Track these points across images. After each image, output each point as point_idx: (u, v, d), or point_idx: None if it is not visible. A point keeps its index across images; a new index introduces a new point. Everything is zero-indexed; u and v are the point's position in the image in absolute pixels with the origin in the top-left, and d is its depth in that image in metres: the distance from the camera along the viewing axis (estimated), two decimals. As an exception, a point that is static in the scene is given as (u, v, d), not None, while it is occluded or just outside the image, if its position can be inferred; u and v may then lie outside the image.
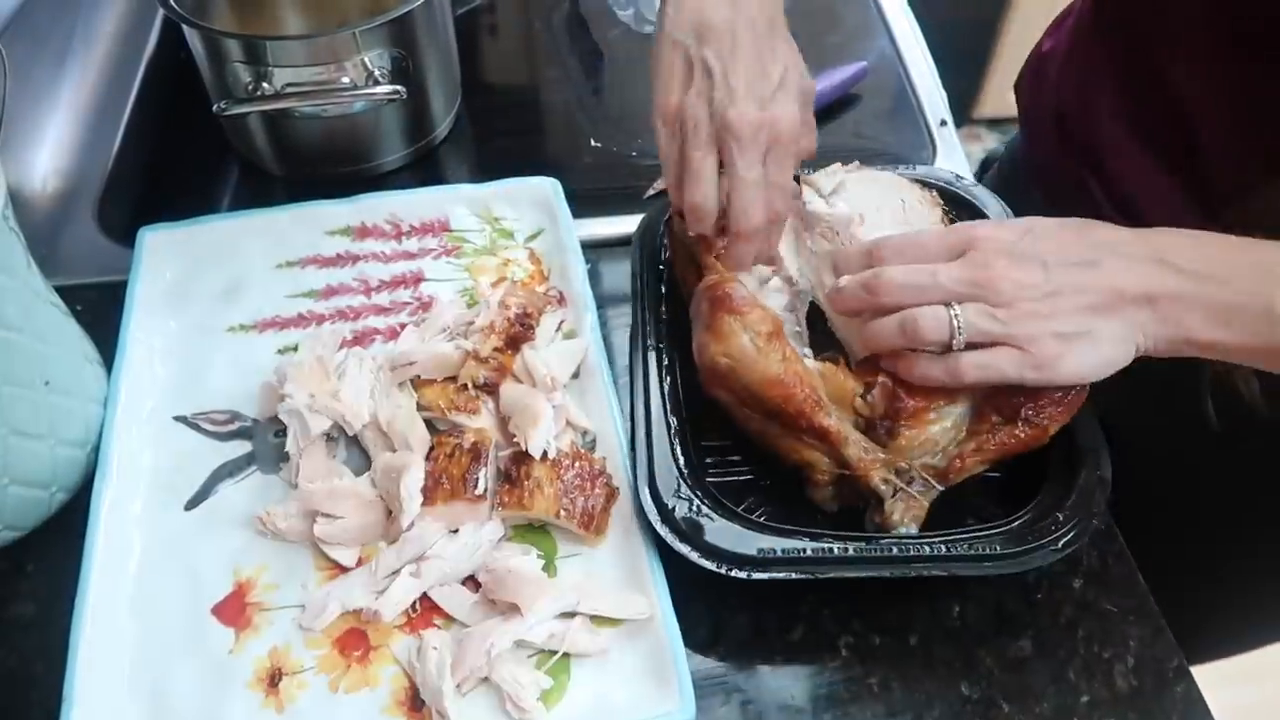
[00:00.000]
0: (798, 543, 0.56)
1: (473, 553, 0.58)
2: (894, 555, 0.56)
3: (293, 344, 0.70)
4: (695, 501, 0.58)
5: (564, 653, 0.56)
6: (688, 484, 0.59)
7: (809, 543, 0.56)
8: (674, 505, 0.58)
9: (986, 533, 0.57)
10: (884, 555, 0.56)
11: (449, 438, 0.62)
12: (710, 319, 0.60)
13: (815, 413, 0.58)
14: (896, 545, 0.56)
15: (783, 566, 0.56)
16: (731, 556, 0.56)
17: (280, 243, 0.76)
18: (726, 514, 0.58)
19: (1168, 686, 0.58)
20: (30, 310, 0.58)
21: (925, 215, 0.68)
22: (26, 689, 0.56)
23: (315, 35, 0.82)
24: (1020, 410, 0.57)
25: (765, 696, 0.57)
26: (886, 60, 0.98)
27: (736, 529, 0.57)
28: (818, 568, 0.56)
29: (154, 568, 0.60)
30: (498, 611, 0.57)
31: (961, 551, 0.56)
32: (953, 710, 0.57)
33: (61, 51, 0.94)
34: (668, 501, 0.58)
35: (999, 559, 0.56)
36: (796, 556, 0.56)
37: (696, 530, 0.57)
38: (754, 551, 0.56)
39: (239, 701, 0.55)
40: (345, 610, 0.57)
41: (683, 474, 0.60)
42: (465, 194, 0.79)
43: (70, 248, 0.80)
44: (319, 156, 0.85)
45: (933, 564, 0.56)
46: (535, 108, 0.99)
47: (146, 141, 0.91)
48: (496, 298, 0.68)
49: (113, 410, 0.65)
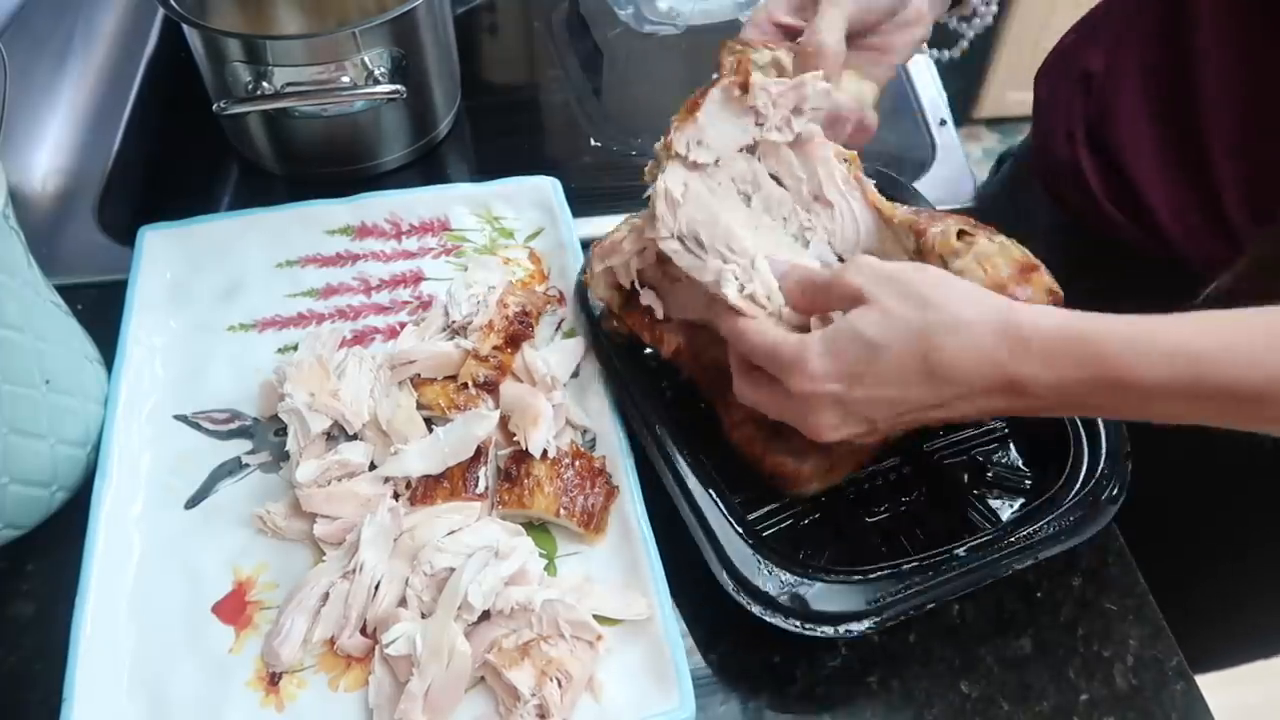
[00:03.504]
0: (894, 583, 0.54)
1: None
2: (985, 560, 0.55)
3: (293, 343, 0.70)
4: (784, 574, 0.55)
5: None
6: (765, 559, 0.55)
7: (907, 583, 0.55)
8: (766, 586, 0.54)
9: (1047, 511, 0.58)
10: (978, 563, 0.55)
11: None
12: (781, 487, 0.61)
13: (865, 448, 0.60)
14: (976, 551, 0.56)
15: (896, 607, 0.54)
16: (845, 616, 0.54)
17: (280, 242, 0.76)
18: (814, 574, 0.55)
19: (1168, 686, 0.58)
20: (31, 309, 0.58)
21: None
22: (26, 688, 0.56)
23: (315, 35, 0.82)
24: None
25: (765, 696, 0.57)
26: (886, 60, 0.98)
27: (837, 589, 0.54)
28: (928, 596, 0.54)
29: (154, 566, 0.60)
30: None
31: (1042, 534, 0.56)
32: (952, 709, 0.57)
33: (61, 51, 0.94)
34: (759, 585, 0.54)
35: (1076, 528, 0.57)
36: (904, 594, 0.54)
37: (800, 602, 0.54)
38: (864, 605, 0.54)
39: (239, 700, 0.55)
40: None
41: (757, 550, 0.56)
42: (465, 193, 0.79)
43: (70, 247, 0.80)
44: (319, 156, 0.85)
45: (1023, 554, 0.56)
46: (535, 107, 0.99)
47: (146, 141, 0.91)
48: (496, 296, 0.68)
49: (113, 409, 0.65)
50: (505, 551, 0.57)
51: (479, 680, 0.55)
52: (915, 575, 0.55)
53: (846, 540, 0.61)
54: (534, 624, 0.55)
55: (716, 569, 0.56)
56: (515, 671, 0.53)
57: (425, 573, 0.56)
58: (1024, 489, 0.63)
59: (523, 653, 0.54)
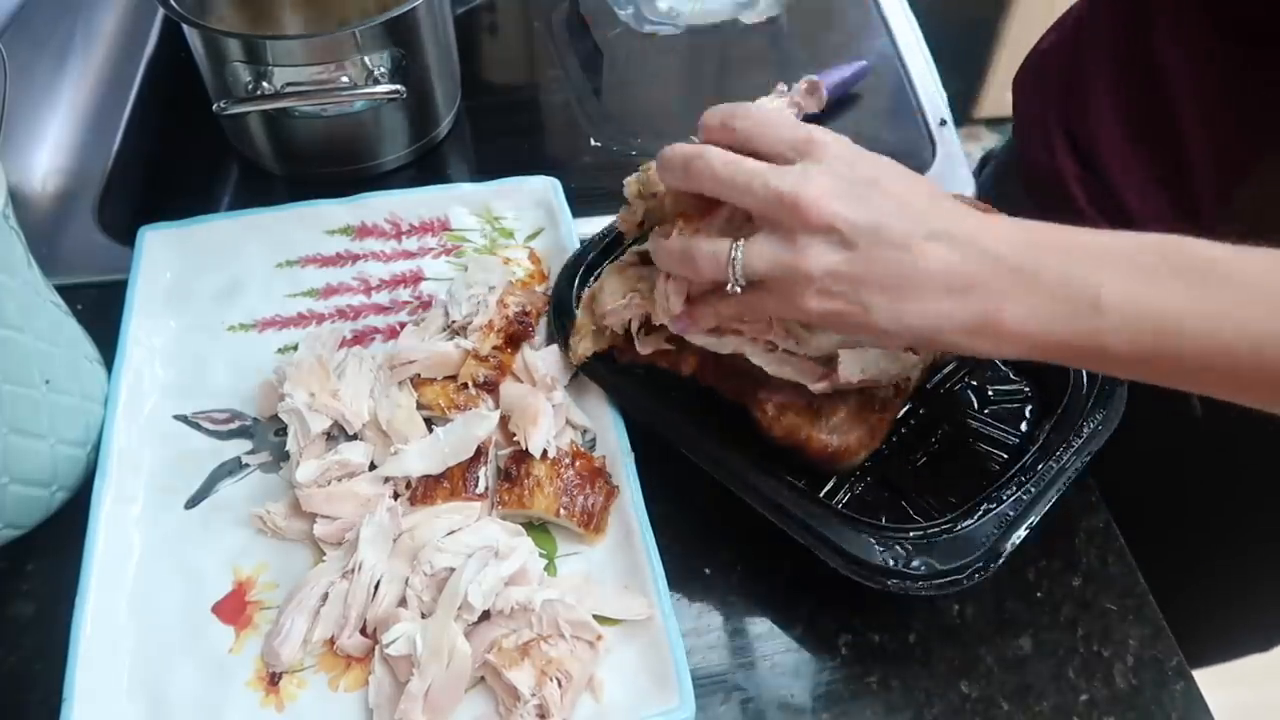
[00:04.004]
0: (998, 517, 0.56)
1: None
2: (1058, 460, 0.58)
3: (293, 343, 0.70)
4: (897, 545, 0.55)
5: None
6: (875, 536, 0.56)
7: (1007, 508, 0.56)
8: (888, 561, 0.55)
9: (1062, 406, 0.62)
10: (1055, 464, 0.58)
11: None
12: (828, 469, 0.62)
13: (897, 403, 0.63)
14: (1040, 456, 0.59)
15: (1012, 536, 0.55)
16: (971, 562, 0.55)
17: (280, 242, 0.76)
18: (929, 534, 0.56)
19: (1168, 686, 0.58)
20: (30, 309, 0.58)
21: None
22: (26, 688, 0.56)
23: (315, 35, 0.82)
24: None
25: (765, 695, 0.57)
26: (886, 60, 0.98)
27: (952, 540, 0.55)
28: (1034, 514, 0.57)
29: (154, 566, 0.60)
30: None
31: (1078, 419, 0.61)
32: (952, 708, 0.57)
33: (61, 51, 0.94)
34: (884, 563, 0.55)
35: (1105, 399, 0.61)
36: (1014, 520, 0.56)
37: (928, 565, 0.54)
38: (984, 543, 0.55)
39: (239, 700, 0.55)
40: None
41: (864, 531, 0.56)
42: (465, 193, 0.79)
43: (70, 247, 0.80)
44: (319, 156, 0.85)
45: (1082, 442, 0.59)
46: (535, 108, 0.99)
47: (146, 141, 0.91)
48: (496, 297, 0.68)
49: (113, 409, 0.65)
50: (505, 551, 0.57)
51: (479, 680, 0.55)
52: (1008, 496, 0.57)
53: (906, 494, 0.62)
54: (534, 624, 0.55)
55: (839, 564, 0.56)
56: (515, 671, 0.53)
57: (425, 573, 0.56)
58: (1027, 396, 0.67)
59: (523, 653, 0.54)
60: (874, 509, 0.62)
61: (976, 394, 0.67)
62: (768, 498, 0.58)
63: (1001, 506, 0.56)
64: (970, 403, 0.67)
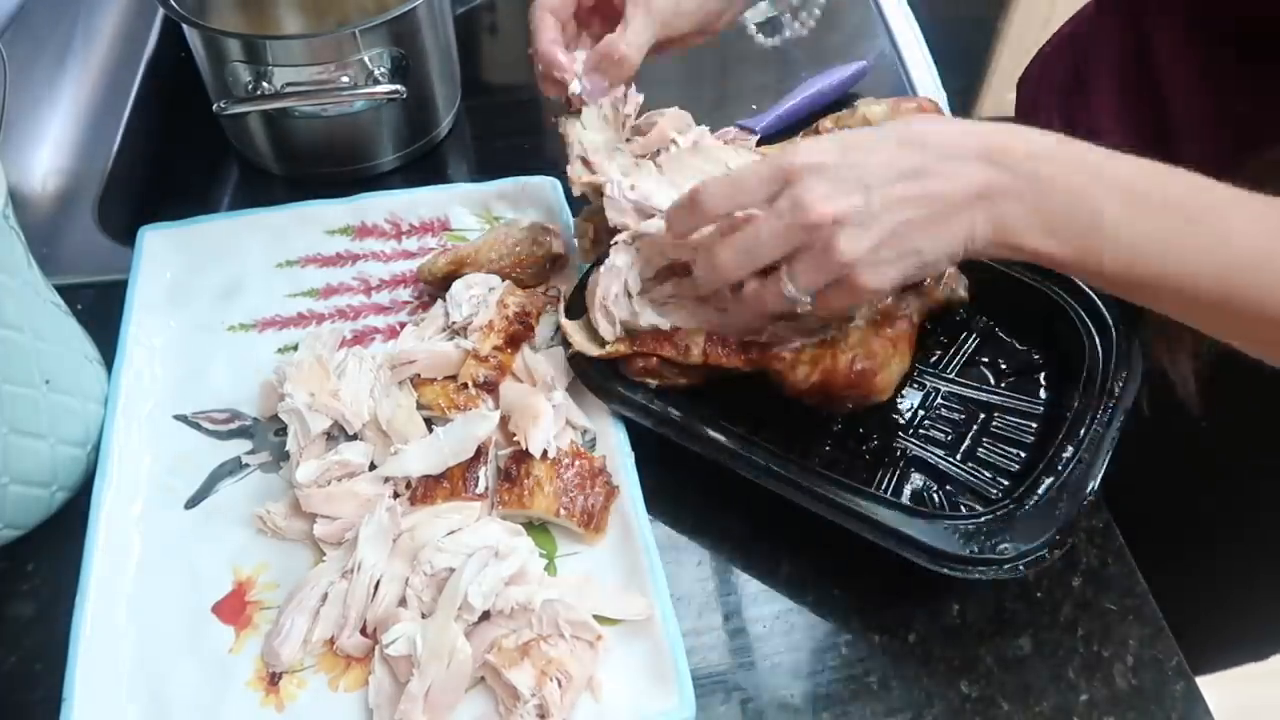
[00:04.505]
0: (1063, 492, 0.57)
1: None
2: (1103, 415, 0.60)
3: (293, 343, 0.70)
4: (972, 527, 0.55)
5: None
6: (957, 522, 0.56)
7: (1068, 477, 0.57)
8: (973, 548, 0.55)
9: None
10: (1104, 421, 0.60)
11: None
12: (866, 394, 0.62)
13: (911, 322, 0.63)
14: (1083, 414, 0.61)
15: (1077, 506, 0.56)
16: (1049, 540, 0.55)
17: (280, 242, 0.76)
18: (999, 516, 0.56)
19: (1168, 686, 0.58)
20: (30, 309, 0.58)
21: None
22: (26, 688, 0.56)
23: (315, 35, 0.82)
24: None
25: (765, 695, 0.57)
26: (886, 60, 0.98)
27: (1025, 520, 0.56)
28: (1092, 481, 0.57)
29: (154, 566, 0.60)
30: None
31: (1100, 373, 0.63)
32: (952, 708, 0.57)
33: (61, 51, 0.94)
34: (967, 550, 0.55)
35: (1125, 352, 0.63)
36: (1078, 494, 0.57)
37: (1010, 549, 0.54)
38: (1059, 519, 0.55)
39: (239, 700, 0.55)
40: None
41: (944, 517, 0.57)
42: (465, 193, 0.79)
43: (70, 247, 0.80)
44: (319, 156, 0.85)
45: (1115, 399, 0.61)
46: (535, 108, 0.99)
47: (146, 141, 0.91)
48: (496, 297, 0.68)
49: (113, 409, 0.65)
50: (505, 551, 0.57)
51: (479, 680, 0.55)
52: (1064, 465, 0.57)
53: (951, 478, 0.63)
54: (534, 624, 0.55)
55: (924, 560, 0.55)
56: (515, 671, 0.53)
57: (425, 573, 0.56)
58: (1038, 364, 0.68)
59: (523, 653, 0.54)
60: (923, 495, 0.63)
61: (990, 369, 0.68)
62: (836, 503, 0.57)
63: (1062, 477, 0.57)
64: (986, 378, 0.68)
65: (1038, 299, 0.67)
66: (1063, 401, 0.63)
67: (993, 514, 0.56)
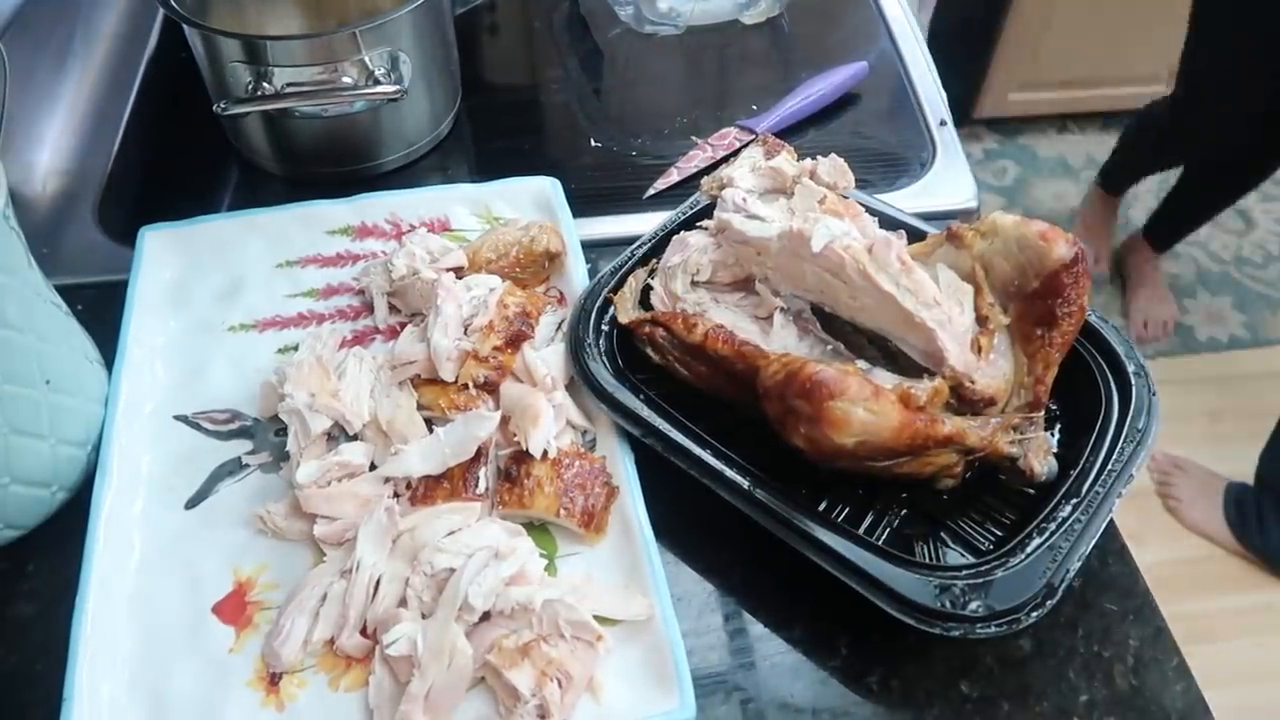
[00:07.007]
0: (1050, 549, 0.54)
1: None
2: (1111, 474, 0.58)
3: (293, 343, 0.70)
4: (949, 581, 0.54)
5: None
6: (930, 571, 0.54)
7: (1060, 537, 0.55)
8: (944, 602, 0.53)
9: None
10: (1109, 479, 0.58)
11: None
12: (816, 412, 0.56)
13: (937, 428, 0.57)
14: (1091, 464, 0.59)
15: (1067, 569, 0.54)
16: (1031, 599, 0.53)
17: (280, 242, 0.76)
18: (983, 567, 0.54)
19: (1168, 686, 0.58)
20: (31, 309, 0.58)
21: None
22: (26, 688, 0.56)
23: (315, 35, 0.82)
24: (1053, 309, 0.59)
25: (765, 696, 0.57)
26: (886, 60, 0.98)
27: (1009, 577, 0.54)
28: (1085, 543, 0.55)
29: (154, 567, 0.60)
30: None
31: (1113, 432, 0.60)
32: (952, 709, 0.57)
33: (61, 51, 0.94)
34: (939, 604, 0.53)
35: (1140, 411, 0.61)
36: (1068, 550, 0.55)
37: (987, 608, 0.53)
38: (1043, 577, 0.53)
39: (239, 700, 0.55)
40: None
41: (917, 570, 0.54)
42: (465, 193, 0.79)
43: (70, 247, 0.80)
44: (319, 156, 0.85)
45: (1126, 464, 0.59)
46: (535, 108, 0.99)
47: (146, 141, 0.91)
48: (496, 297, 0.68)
49: (113, 409, 0.65)
50: (505, 552, 0.57)
51: (479, 680, 0.55)
52: (1057, 525, 0.55)
53: (945, 527, 0.61)
54: (534, 624, 0.55)
55: (893, 608, 0.54)
56: (515, 672, 0.53)
57: (425, 573, 0.56)
58: (1055, 416, 0.65)
59: (523, 653, 0.54)
60: (912, 542, 0.60)
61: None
62: (816, 540, 0.56)
63: (1053, 536, 0.55)
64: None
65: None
66: (1070, 458, 0.60)
67: (974, 570, 0.54)
